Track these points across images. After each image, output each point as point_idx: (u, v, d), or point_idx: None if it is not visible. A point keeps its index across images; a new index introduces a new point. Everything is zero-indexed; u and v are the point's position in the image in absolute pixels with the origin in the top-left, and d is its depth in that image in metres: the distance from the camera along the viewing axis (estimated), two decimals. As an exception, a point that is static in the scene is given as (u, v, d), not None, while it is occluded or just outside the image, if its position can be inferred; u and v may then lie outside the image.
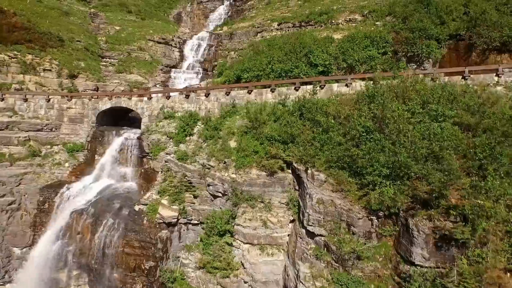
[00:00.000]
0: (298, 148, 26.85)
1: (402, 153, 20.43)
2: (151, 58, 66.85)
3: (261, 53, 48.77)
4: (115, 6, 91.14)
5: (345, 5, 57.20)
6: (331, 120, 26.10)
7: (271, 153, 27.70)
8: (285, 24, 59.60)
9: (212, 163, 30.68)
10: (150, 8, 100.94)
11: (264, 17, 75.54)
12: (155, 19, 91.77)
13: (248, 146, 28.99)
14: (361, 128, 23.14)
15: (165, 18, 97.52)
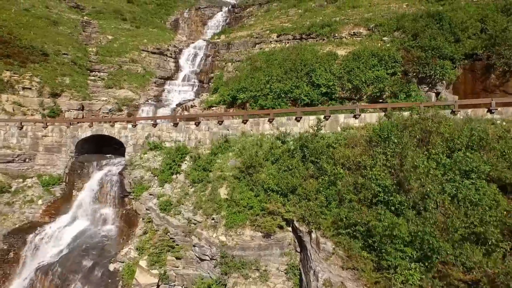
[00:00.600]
0: (299, 202, 22.35)
1: (431, 231, 16.05)
2: (144, 71, 62.53)
3: (259, 69, 44.54)
4: (109, 13, 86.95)
5: (348, 17, 52.91)
6: (339, 169, 21.71)
7: (268, 210, 23.13)
8: (285, 36, 55.31)
9: (199, 217, 25.92)
10: (146, 15, 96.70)
11: (263, 26, 71.27)
12: (150, 27, 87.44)
13: (241, 198, 24.31)
14: (377, 187, 18.86)
15: (161, 26, 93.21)
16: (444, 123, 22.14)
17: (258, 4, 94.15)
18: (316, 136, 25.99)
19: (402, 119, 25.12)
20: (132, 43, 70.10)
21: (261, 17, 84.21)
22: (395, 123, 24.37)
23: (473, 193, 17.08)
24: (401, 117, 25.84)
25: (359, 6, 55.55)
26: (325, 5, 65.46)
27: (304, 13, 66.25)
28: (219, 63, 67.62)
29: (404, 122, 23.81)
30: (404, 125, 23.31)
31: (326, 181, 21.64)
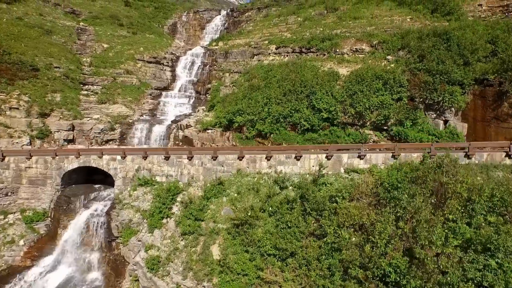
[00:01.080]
0: (299, 268, 19.97)
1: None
2: (139, 82, 60.04)
3: (256, 89, 42.08)
4: (106, 19, 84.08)
5: (350, 29, 50.30)
6: (344, 233, 19.34)
7: (265, 279, 20.75)
8: (284, 48, 52.74)
9: (189, 282, 23.34)
10: (144, 20, 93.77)
11: (261, 35, 68.62)
12: (147, 32, 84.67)
13: (235, 262, 21.88)
14: (388, 267, 16.53)
15: (158, 31, 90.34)
16: (460, 178, 19.74)
17: (256, 8, 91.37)
18: (317, 184, 23.67)
19: (412, 166, 22.75)
20: (128, 52, 67.47)
21: (260, 22, 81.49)
22: (405, 170, 22.02)
23: (501, 279, 14.70)
24: (410, 164, 23.44)
25: (361, 18, 52.89)
26: (325, 14, 62.79)
27: (303, 21, 63.54)
28: (216, 73, 65.11)
29: (415, 173, 21.35)
30: (415, 177, 20.94)
31: (329, 245, 19.35)
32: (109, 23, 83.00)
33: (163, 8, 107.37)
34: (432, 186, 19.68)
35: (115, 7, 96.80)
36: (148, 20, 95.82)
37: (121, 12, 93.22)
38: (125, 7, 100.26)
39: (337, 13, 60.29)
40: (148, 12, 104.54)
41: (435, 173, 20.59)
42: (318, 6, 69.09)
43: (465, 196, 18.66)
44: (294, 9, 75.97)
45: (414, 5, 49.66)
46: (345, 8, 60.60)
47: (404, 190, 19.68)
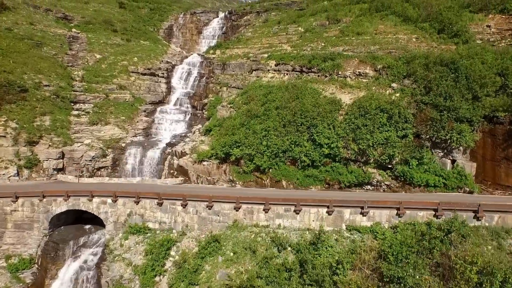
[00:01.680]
0: None
1: None
2: (133, 97, 58.24)
3: (255, 116, 40.39)
4: (99, 24, 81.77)
5: (353, 47, 48.45)
6: None
7: None
8: (284, 65, 50.87)
9: None
10: (139, 24, 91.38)
11: (260, 45, 66.61)
12: (142, 38, 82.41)
13: None
14: None
15: (154, 36, 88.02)
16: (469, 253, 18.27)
17: (255, 12, 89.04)
18: (317, 248, 22.26)
19: (418, 228, 21.32)
20: (121, 63, 65.49)
21: (259, 28, 79.29)
22: (410, 243, 20.54)
23: None
24: (416, 226, 22.00)
25: (364, 33, 50.95)
26: (327, 25, 60.72)
27: (304, 33, 61.48)
28: (213, 86, 63.29)
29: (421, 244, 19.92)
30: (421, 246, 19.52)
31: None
32: (102, 28, 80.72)
33: (158, 10, 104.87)
34: (439, 259, 18.34)
35: (108, 10, 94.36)
36: (143, 24, 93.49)
37: (115, 15, 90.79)
38: (120, 10, 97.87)
39: (340, 25, 58.25)
40: (143, 14, 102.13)
41: (442, 243, 19.24)
42: (320, 15, 66.97)
43: (475, 281, 17.32)
44: (294, 16, 73.72)
45: (420, 23, 47.77)
46: (347, 20, 58.55)
47: (409, 266, 18.32)
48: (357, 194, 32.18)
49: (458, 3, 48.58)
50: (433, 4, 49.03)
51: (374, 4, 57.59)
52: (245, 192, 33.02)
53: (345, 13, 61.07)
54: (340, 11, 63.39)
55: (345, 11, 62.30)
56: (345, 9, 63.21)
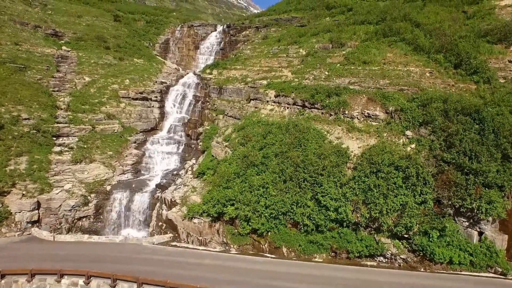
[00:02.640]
0: None
1: None
2: (122, 127, 53.59)
3: (252, 165, 35.73)
4: (91, 41, 77.04)
5: (359, 78, 43.79)
6: None
7: None
8: (284, 97, 46.22)
9: None
10: (133, 39, 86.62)
11: (259, 67, 61.95)
12: (136, 56, 77.67)
13: None
14: None
15: (148, 52, 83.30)
16: None
17: (255, 27, 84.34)
18: None
19: None
20: (112, 87, 60.83)
21: (258, 46, 74.67)
22: None
23: None
24: None
25: (371, 63, 46.26)
26: (330, 49, 56.00)
27: (306, 57, 56.75)
28: (209, 112, 58.68)
29: None
30: None
31: None
32: (95, 46, 76.03)
33: (155, 22, 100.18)
34: None
35: (102, 24, 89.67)
36: (138, 39, 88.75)
37: (109, 30, 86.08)
38: (114, 23, 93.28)
39: (344, 50, 53.54)
40: (139, 27, 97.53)
41: None
42: (322, 36, 62.26)
43: None
44: (295, 34, 69.07)
45: (433, 54, 43.01)
46: (353, 44, 53.81)
47: None
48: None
49: (474, 31, 43.84)
50: (447, 32, 44.27)
51: (381, 28, 52.85)
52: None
53: (350, 36, 56.32)
54: (344, 32, 58.63)
55: (350, 33, 57.54)
56: (349, 31, 58.44)
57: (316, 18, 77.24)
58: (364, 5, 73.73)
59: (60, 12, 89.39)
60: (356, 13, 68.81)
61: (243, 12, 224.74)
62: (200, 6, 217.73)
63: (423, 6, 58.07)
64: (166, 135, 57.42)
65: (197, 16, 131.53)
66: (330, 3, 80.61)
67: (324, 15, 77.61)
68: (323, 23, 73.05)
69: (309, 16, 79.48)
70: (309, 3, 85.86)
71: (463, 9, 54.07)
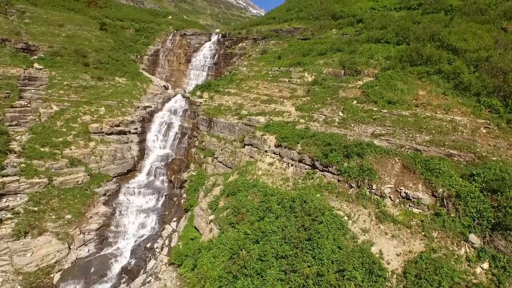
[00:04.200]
0: None
1: None
2: (89, 176, 41.12)
3: (242, 274, 23.46)
4: (68, 56, 64.06)
5: (386, 127, 31.20)
6: None
7: None
8: (288, 150, 33.64)
9: None
10: (118, 52, 73.29)
11: (256, 94, 49.18)
12: (118, 73, 64.68)
13: None
14: None
15: (134, 68, 70.10)
16: None
17: (252, 39, 70.92)
18: None
19: None
20: (83, 118, 48.12)
21: (255, 62, 61.66)
22: None
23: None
24: None
25: (399, 103, 33.59)
26: (342, 76, 43.18)
27: (313, 85, 43.96)
28: (196, 152, 46.12)
29: None
30: None
31: None
32: (72, 62, 63.04)
33: (145, 31, 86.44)
34: None
35: (86, 34, 76.21)
36: (123, 51, 75.35)
37: (91, 42, 72.71)
38: (100, 32, 79.70)
39: (360, 79, 40.80)
40: (127, 36, 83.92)
41: None
42: (331, 56, 49.26)
43: None
44: (298, 51, 56.18)
45: (485, 97, 30.27)
46: (370, 72, 40.91)
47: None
48: None
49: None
50: (503, 67, 31.32)
51: (406, 52, 39.77)
52: None
53: (366, 60, 43.32)
54: (358, 54, 45.60)
55: (365, 55, 44.51)
56: (364, 52, 45.37)
57: (321, 29, 63.86)
58: (375, 15, 60.13)
59: (39, 20, 75.98)
60: (368, 26, 55.42)
61: (242, 13, 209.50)
62: (199, 6, 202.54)
63: (450, 21, 44.94)
64: (145, 179, 44.95)
65: (193, 21, 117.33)
66: (336, 12, 67.01)
67: (330, 26, 64.14)
68: (329, 36, 59.82)
69: (313, 27, 66.06)
70: (312, 12, 72.18)
71: (501, 25, 41.14)
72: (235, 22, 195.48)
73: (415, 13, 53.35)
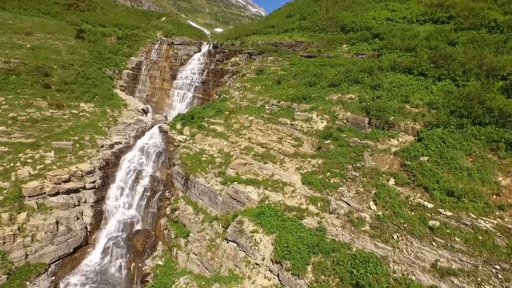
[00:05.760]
0: None
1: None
2: (8, 274, 26.70)
3: None
4: (27, 75, 49.22)
5: (454, 253, 16.57)
6: None
7: None
8: (293, 275, 19.12)
9: None
10: (91, 68, 57.77)
11: (248, 141, 34.41)
12: (86, 96, 49.59)
13: None
14: None
15: (106, 89, 54.76)
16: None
17: (247, 53, 55.30)
18: None
19: None
20: (19, 173, 33.42)
21: (249, 86, 46.63)
22: None
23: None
24: None
25: (469, 197, 19.08)
26: (366, 128, 28.34)
27: (325, 139, 29.16)
28: (166, 226, 31.74)
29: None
30: None
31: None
32: (30, 83, 47.98)
33: (128, 38, 70.35)
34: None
35: (57, 43, 60.74)
36: (99, 65, 59.69)
37: (61, 55, 57.17)
38: (75, 41, 63.89)
39: (394, 137, 26.08)
40: (107, 44, 67.85)
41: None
42: (347, 91, 34.38)
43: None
44: (302, 79, 41.06)
45: None
46: (409, 127, 26.19)
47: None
48: None
49: None
50: None
51: (460, 101, 24.82)
52: None
53: (399, 106, 28.25)
54: (385, 92, 30.60)
55: (396, 96, 29.54)
56: (393, 90, 30.40)
57: (329, 45, 48.37)
58: (394, 29, 44.26)
59: (2, 27, 60.15)
60: (389, 44, 40.09)
61: (241, 11, 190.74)
62: (198, 5, 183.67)
63: (504, 43, 29.96)
64: (98, 261, 30.63)
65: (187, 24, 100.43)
66: (347, 23, 51.07)
67: (340, 40, 48.54)
68: (340, 56, 44.57)
69: (318, 42, 50.40)
70: (317, 21, 56.20)
71: None
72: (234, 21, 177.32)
73: (446, 29, 37.93)
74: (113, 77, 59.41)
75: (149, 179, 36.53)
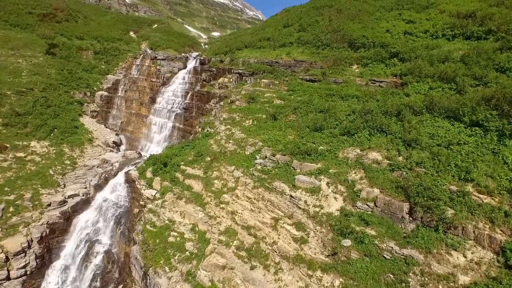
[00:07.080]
0: None
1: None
2: None
3: None
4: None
5: None
6: None
7: None
8: None
9: None
10: (55, 92, 46.25)
11: (232, 214, 23.29)
12: (41, 132, 38.30)
13: None
14: None
15: (68, 120, 43.28)
16: None
17: (237, 73, 43.59)
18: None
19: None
20: None
21: (239, 118, 35.29)
22: None
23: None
24: None
25: None
26: (409, 229, 16.77)
27: (342, 236, 17.78)
28: None
29: None
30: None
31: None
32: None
33: (107, 53, 58.36)
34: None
35: (20, 61, 49.02)
36: (67, 87, 47.99)
37: (21, 77, 45.53)
38: (44, 58, 52.08)
39: (461, 250, 14.58)
40: (83, 60, 55.91)
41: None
42: (367, 142, 22.87)
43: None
44: (305, 113, 29.70)
45: None
46: (485, 235, 14.49)
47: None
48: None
49: None
50: None
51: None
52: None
53: (457, 188, 16.72)
54: (429, 154, 19.02)
55: (443, 158, 18.08)
56: (442, 153, 18.77)
57: (335, 66, 36.77)
58: (417, 47, 32.29)
59: (-43, 44, 48.38)
60: (416, 70, 28.45)
61: (238, 15, 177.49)
62: (195, 9, 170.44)
63: None
64: None
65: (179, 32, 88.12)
66: (356, 38, 39.05)
67: (349, 60, 36.85)
68: (350, 81, 33.04)
69: (322, 61, 38.71)
70: (319, 34, 44.27)
71: None
72: (231, 24, 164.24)
73: (488, 48, 26.10)
74: (83, 101, 47.82)
75: (102, 257, 25.36)
